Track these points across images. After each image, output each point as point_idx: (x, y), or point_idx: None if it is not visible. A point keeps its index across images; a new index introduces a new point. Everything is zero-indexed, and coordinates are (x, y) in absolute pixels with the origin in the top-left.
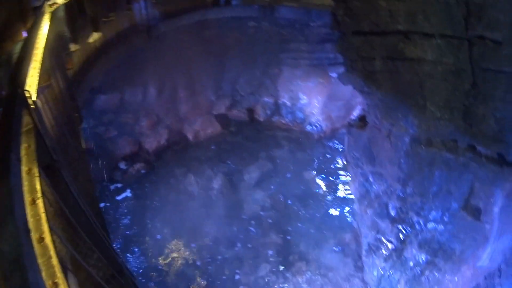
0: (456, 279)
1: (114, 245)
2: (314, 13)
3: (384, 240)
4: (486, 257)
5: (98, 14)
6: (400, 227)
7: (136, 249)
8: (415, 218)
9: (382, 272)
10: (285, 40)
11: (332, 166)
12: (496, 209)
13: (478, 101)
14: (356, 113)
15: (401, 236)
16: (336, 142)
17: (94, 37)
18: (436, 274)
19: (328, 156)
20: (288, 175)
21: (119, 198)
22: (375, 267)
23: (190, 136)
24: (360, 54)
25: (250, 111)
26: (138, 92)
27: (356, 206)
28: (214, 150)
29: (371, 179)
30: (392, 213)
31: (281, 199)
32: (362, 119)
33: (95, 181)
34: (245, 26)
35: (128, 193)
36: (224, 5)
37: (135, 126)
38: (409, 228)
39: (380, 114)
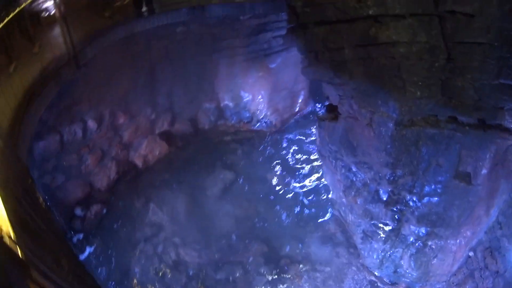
0: (458, 241)
1: None
2: (243, 6)
3: (380, 225)
4: (484, 214)
5: (19, 49)
6: (394, 208)
7: None
8: (408, 197)
9: (383, 254)
10: (216, 39)
11: (291, 159)
12: (484, 171)
13: (455, 74)
14: (300, 99)
15: (396, 216)
16: (288, 133)
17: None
18: (438, 242)
19: (285, 149)
20: (251, 179)
21: (86, 253)
22: (374, 251)
23: (138, 162)
24: (326, 45)
25: (193, 121)
26: (76, 129)
27: (334, 196)
28: (167, 171)
29: (354, 169)
30: (384, 197)
31: (250, 205)
32: (330, 110)
33: None
34: (173, 32)
35: (94, 244)
36: (150, 15)
37: (81, 166)
38: (404, 207)
39: (356, 104)
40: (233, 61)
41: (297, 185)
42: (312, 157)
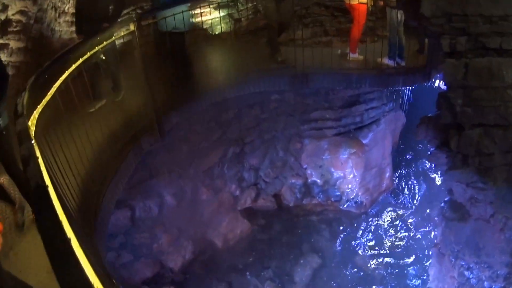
0: None
1: None
2: (350, 77)
3: None
4: None
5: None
6: None
7: None
8: None
9: None
10: (307, 110)
11: (382, 242)
12: None
13: None
14: (387, 176)
15: None
16: (378, 214)
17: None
18: None
19: (374, 231)
20: (340, 263)
21: None
22: None
23: (218, 242)
24: (479, 150)
25: (277, 197)
26: (152, 205)
27: (434, 285)
28: (249, 253)
29: (472, 266)
30: None
31: None
32: (456, 209)
33: None
34: (267, 100)
35: None
36: (247, 81)
37: (153, 245)
38: None
39: (493, 209)
40: (323, 134)
41: (387, 269)
42: (400, 241)
